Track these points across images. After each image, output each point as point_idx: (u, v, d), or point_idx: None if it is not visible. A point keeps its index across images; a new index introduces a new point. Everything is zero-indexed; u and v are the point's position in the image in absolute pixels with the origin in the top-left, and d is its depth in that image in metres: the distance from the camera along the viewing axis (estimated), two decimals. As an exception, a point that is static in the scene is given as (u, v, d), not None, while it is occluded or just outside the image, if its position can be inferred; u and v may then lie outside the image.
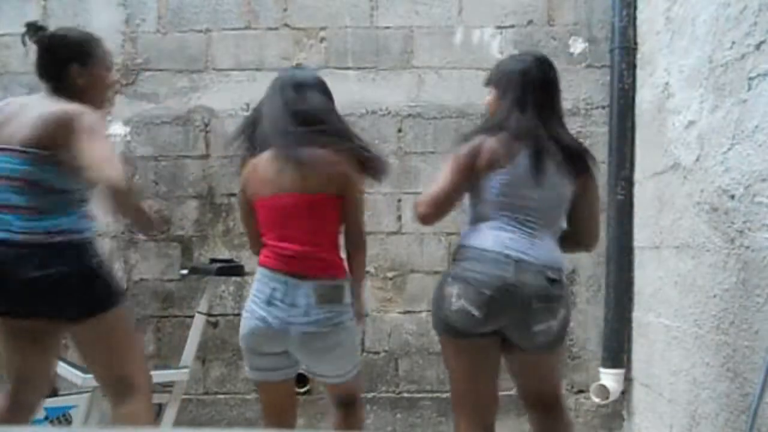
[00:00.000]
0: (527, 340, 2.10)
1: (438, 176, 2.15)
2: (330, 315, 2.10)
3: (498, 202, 2.09)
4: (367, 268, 3.55)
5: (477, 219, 2.15)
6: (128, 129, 3.65)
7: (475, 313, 2.02)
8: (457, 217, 2.58)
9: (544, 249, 2.09)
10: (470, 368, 2.14)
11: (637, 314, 3.42)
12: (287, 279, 2.10)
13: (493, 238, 2.07)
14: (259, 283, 2.16)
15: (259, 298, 2.14)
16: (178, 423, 3.07)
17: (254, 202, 2.20)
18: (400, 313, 3.63)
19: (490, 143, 2.09)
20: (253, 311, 2.14)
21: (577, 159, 2.15)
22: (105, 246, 3.61)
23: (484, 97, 2.30)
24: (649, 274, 3.22)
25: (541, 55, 2.28)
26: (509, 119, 2.11)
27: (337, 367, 2.21)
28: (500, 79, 2.21)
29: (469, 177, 2.11)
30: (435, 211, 2.14)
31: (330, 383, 2.27)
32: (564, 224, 2.22)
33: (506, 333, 2.10)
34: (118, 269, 3.63)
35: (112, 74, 2.33)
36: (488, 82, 2.26)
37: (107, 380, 2.24)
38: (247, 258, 3.57)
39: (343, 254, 2.23)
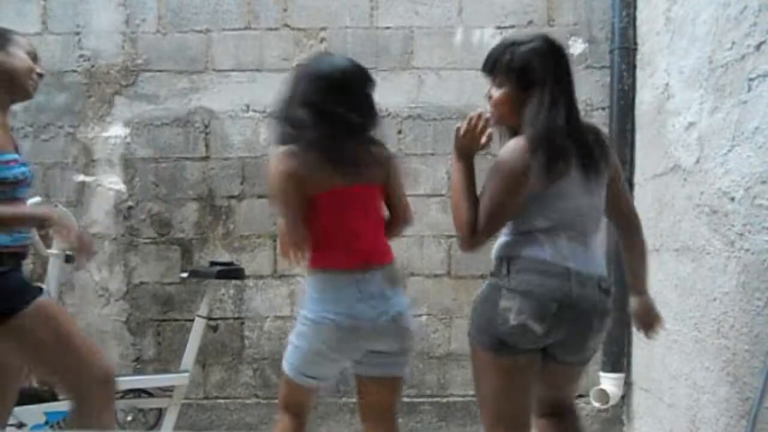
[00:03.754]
0: (577, 355, 1.98)
1: (486, 194, 1.91)
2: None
3: (552, 210, 1.91)
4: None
5: (527, 227, 1.94)
6: (128, 131, 3.65)
7: (537, 328, 1.85)
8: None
9: (597, 259, 1.97)
10: (515, 385, 1.96)
11: (638, 318, 3.39)
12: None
13: (551, 248, 1.89)
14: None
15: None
16: (178, 427, 3.06)
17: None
18: (400, 315, 3.60)
19: (540, 154, 1.86)
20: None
21: (602, 150, 1.98)
22: (105, 249, 3.61)
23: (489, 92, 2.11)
24: (648, 278, 3.19)
25: (546, 35, 2.02)
26: (549, 121, 1.89)
27: None
28: (517, 68, 1.97)
29: (524, 193, 1.90)
30: (489, 237, 1.92)
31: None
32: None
33: (554, 348, 1.94)
34: (118, 272, 3.63)
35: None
36: (499, 71, 2.04)
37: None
38: (247, 261, 3.57)
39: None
